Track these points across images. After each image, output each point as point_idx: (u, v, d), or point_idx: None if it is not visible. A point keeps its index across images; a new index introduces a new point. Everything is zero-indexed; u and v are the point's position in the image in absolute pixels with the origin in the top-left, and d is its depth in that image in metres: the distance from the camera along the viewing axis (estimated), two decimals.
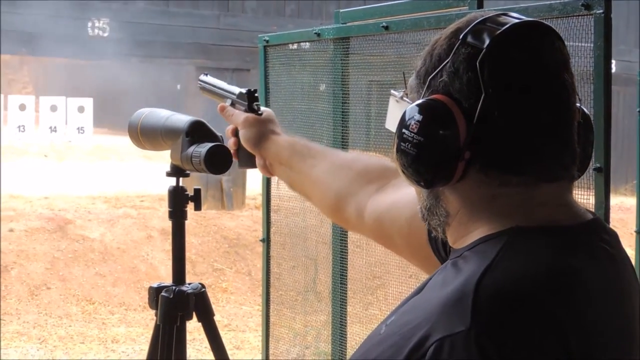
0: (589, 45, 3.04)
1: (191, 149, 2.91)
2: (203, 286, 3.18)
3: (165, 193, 3.17)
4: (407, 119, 1.36)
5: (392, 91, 1.54)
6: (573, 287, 1.30)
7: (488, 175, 1.34)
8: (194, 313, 3.14)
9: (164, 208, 3.05)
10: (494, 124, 1.32)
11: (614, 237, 1.43)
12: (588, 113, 1.47)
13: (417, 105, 1.35)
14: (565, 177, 1.37)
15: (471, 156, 1.33)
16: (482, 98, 1.31)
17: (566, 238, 1.34)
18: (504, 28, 1.34)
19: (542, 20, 1.40)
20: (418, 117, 1.34)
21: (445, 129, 1.33)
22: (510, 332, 1.23)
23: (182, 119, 2.99)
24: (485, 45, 1.33)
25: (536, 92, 1.33)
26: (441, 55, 1.37)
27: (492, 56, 1.33)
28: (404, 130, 1.36)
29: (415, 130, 1.34)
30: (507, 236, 1.32)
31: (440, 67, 1.36)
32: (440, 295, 1.27)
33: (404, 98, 1.48)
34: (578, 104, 1.40)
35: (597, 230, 1.40)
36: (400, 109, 1.40)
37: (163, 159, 3.22)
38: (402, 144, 1.36)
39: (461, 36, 1.36)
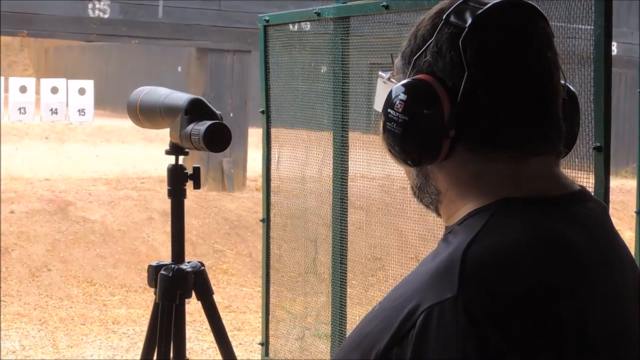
0: (589, 27, 3.04)
1: (190, 126, 2.91)
2: (202, 265, 3.18)
3: (165, 174, 3.17)
4: (392, 98, 1.38)
5: (380, 72, 1.56)
6: (561, 252, 1.32)
7: (475, 152, 1.36)
8: (193, 291, 3.14)
9: (165, 190, 3.04)
10: (478, 102, 1.34)
11: (601, 207, 1.45)
12: (574, 90, 1.49)
13: (402, 85, 1.37)
14: (552, 151, 1.39)
15: (457, 134, 1.34)
16: (465, 77, 1.33)
17: (554, 207, 1.36)
18: (486, 7, 1.36)
19: (530, 1, 1.41)
20: (403, 96, 1.36)
21: (430, 108, 1.34)
22: (497, 296, 1.25)
23: (181, 97, 2.99)
24: (467, 25, 1.34)
25: (519, 70, 1.35)
26: (425, 35, 1.39)
27: (474, 35, 1.34)
28: (389, 110, 1.38)
29: (400, 110, 1.36)
30: (494, 208, 1.34)
31: (424, 47, 1.38)
32: (430, 267, 1.30)
33: (391, 79, 1.50)
34: (563, 82, 1.42)
35: (584, 200, 1.41)
36: (387, 90, 1.42)
37: (164, 141, 3.21)
38: (388, 123, 1.38)
39: (444, 16, 1.37)
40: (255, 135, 8.78)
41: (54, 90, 11.17)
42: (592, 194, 1.60)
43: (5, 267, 8.66)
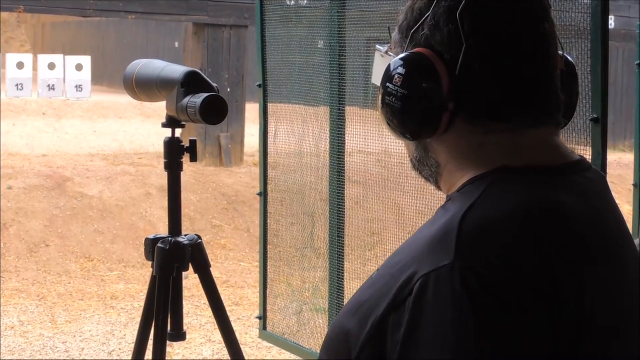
0: (586, 0, 3.04)
1: (186, 99, 2.91)
2: (199, 237, 3.18)
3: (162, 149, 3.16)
4: (390, 72, 1.38)
5: (377, 46, 1.56)
6: (558, 219, 1.31)
7: (474, 125, 1.36)
8: (190, 264, 3.14)
9: (162, 165, 3.05)
10: (476, 75, 1.34)
11: (600, 176, 1.45)
12: (572, 60, 1.48)
13: (400, 59, 1.37)
14: (551, 122, 1.39)
15: (455, 107, 1.34)
16: (463, 49, 1.33)
17: (553, 176, 1.36)
18: None
19: None
20: (401, 70, 1.36)
21: (428, 81, 1.34)
22: (492, 263, 1.25)
23: (177, 70, 2.98)
24: None
25: (516, 42, 1.35)
26: (422, 8, 1.38)
27: (471, 8, 1.34)
28: (388, 84, 1.38)
29: (399, 84, 1.36)
30: (493, 175, 1.34)
31: (422, 20, 1.38)
32: (428, 234, 1.30)
33: (389, 53, 1.49)
34: (561, 52, 1.42)
35: (584, 169, 1.41)
36: (385, 63, 1.42)
37: (161, 117, 3.21)
38: (386, 97, 1.38)
39: None
40: (252, 111, 8.76)
41: (52, 66, 11.13)
42: None
43: (4, 243, 8.67)
